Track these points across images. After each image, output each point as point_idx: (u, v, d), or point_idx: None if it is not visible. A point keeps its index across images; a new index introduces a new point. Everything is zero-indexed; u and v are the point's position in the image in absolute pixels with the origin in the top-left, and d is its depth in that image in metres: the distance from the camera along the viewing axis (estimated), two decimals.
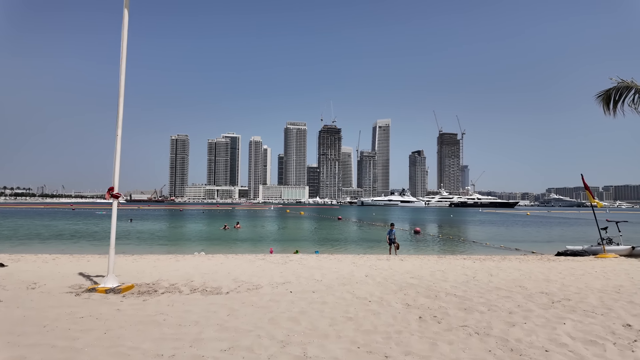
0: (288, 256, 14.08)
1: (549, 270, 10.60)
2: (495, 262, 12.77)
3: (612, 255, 14.92)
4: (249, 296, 7.01)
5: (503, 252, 20.91)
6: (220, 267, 10.68)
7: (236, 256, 14.12)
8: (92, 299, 6.70)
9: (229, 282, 8.36)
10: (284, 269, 10.33)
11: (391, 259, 13.44)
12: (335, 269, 10.41)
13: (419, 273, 9.89)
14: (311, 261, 12.33)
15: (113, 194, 7.65)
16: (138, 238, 28.08)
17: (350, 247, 23.28)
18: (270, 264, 11.39)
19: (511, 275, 9.67)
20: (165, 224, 42.76)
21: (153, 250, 21.73)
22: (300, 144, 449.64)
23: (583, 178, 16.46)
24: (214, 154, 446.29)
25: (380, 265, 11.47)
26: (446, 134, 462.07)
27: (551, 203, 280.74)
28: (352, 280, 8.66)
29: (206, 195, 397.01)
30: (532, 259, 14.01)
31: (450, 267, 11.24)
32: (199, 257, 13.98)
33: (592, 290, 7.79)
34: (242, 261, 12.31)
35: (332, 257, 14.21)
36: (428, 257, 14.37)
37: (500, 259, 14.09)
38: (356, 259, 13.13)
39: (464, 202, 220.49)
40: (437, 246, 24.18)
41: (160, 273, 9.62)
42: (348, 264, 11.54)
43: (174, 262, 11.99)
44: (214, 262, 11.85)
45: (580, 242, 28.12)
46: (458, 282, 8.61)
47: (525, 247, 23.62)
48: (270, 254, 16.88)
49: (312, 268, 10.60)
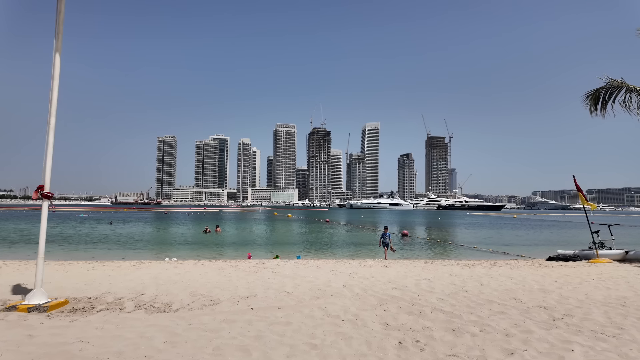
0: (264, 262, 12.99)
1: (543, 278, 9.78)
2: (485, 268, 11.92)
3: (606, 260, 14.27)
4: (200, 315, 5.92)
5: (492, 257, 20.18)
6: (182, 277, 9.54)
7: (207, 263, 12.94)
8: (6, 320, 5.51)
9: (185, 296, 7.24)
10: (253, 279, 9.25)
11: (375, 265, 12.49)
12: (311, 278, 9.37)
13: (402, 282, 8.93)
14: (287, 268, 11.27)
15: (43, 193, 6.46)
16: (115, 242, 26.53)
17: (335, 251, 22.28)
18: (240, 273, 10.29)
19: (503, 285, 8.79)
20: (146, 227, 41.06)
21: (126, 254, 20.36)
22: (290, 147, 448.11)
23: (575, 180, 15.82)
24: (202, 156, 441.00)
25: (362, 273, 10.49)
26: (434, 137, 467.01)
27: (537, 206, 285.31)
28: (327, 293, 7.64)
29: (194, 197, 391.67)
30: (523, 265, 13.22)
31: (437, 274, 10.32)
32: (166, 264, 12.77)
33: (594, 303, 6.94)
34: (211, 269, 11.17)
35: (313, 263, 13.19)
36: (414, 263, 13.47)
37: (490, 264, 13.28)
38: (337, 266, 12.14)
39: (452, 204, 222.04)
40: (424, 250, 23.36)
41: (111, 284, 8.43)
42: (327, 272, 10.52)
43: (135, 270, 10.78)
44: (178, 271, 10.69)
45: (568, 245, 27.72)
46: (445, 294, 7.67)
47: (514, 251, 23.00)
48: (247, 260, 15.75)
49: (285, 277, 9.54)
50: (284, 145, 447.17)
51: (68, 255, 19.22)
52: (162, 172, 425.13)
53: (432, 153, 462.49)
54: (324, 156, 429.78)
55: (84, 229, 36.75)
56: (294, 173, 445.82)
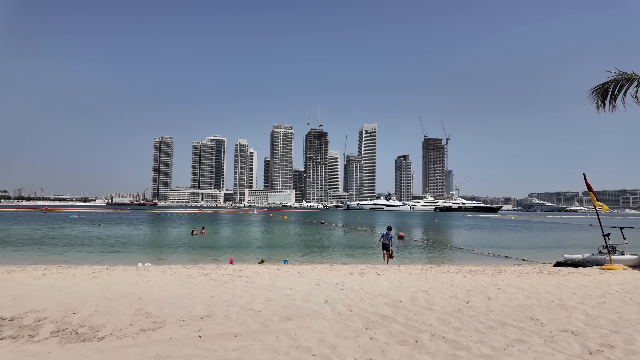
0: (242, 269, 11.57)
1: (559, 290, 8.43)
2: (489, 276, 10.58)
3: (620, 267, 12.97)
4: (128, 346, 4.51)
5: (493, 261, 18.88)
6: (138, 288, 8.11)
7: (178, 270, 11.52)
8: None
9: (125, 316, 5.83)
10: (220, 291, 7.84)
11: (366, 272, 11.11)
12: (289, 290, 7.98)
13: (396, 296, 7.55)
14: (265, 277, 9.87)
15: None
16: (99, 244, 24.95)
17: (327, 255, 20.88)
18: (209, 283, 8.88)
19: (514, 298, 7.44)
20: (135, 229, 39.43)
21: (103, 258, 18.89)
22: (287, 148, 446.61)
23: (585, 178, 14.51)
24: (198, 157, 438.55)
25: (350, 282, 9.11)
26: (431, 139, 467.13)
27: (533, 208, 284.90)
28: (303, 311, 6.24)
29: (190, 198, 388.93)
30: (531, 272, 11.89)
31: (436, 284, 8.97)
32: (130, 271, 11.32)
33: (633, 326, 5.58)
34: (178, 278, 9.76)
35: (298, 269, 11.81)
36: (410, 270, 12.12)
37: (495, 271, 11.95)
38: (323, 273, 10.75)
39: (449, 206, 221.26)
40: (422, 254, 22.01)
41: (45, 299, 7.00)
42: (309, 282, 9.13)
43: (88, 279, 9.36)
44: (138, 280, 9.26)
45: (571, 249, 26.45)
46: (447, 312, 6.31)
47: (515, 254, 21.70)
48: (226, 265, 14.33)
49: (259, 288, 8.14)
50: (281, 146, 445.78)
51: (39, 259, 17.81)
52: (158, 173, 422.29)
53: (429, 155, 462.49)
54: (321, 157, 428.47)
55: (71, 231, 35.15)
56: (291, 174, 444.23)
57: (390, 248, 14.77)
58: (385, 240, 14.85)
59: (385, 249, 14.80)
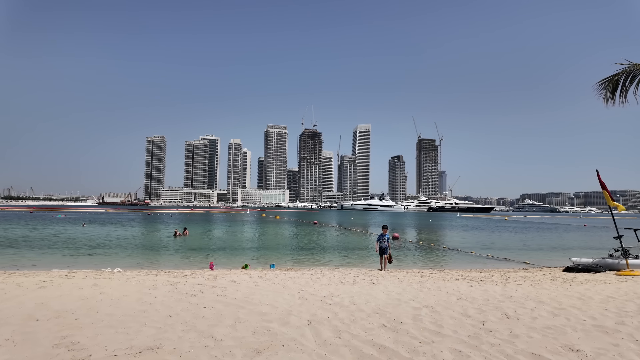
0: (218, 277, 10.15)
1: (585, 304, 7.15)
2: (499, 285, 9.29)
3: (638, 273, 11.81)
4: None
5: (494, 264, 17.71)
6: (81, 304, 6.63)
7: (144, 278, 10.06)
8: None
9: (41, 350, 4.37)
10: (182, 308, 6.40)
11: (359, 280, 9.76)
12: (266, 307, 6.58)
13: (395, 314, 6.20)
14: (242, 287, 8.46)
15: None
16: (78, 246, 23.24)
17: (318, 258, 19.51)
18: (173, 295, 7.44)
19: (538, 317, 6.13)
20: (120, 229, 37.62)
21: (76, 262, 17.34)
22: (281, 148, 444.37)
23: (599, 175, 13.32)
24: (191, 157, 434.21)
25: (340, 294, 7.75)
26: (425, 139, 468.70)
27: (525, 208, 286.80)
28: (277, 340, 4.83)
29: (183, 198, 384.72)
30: (543, 279, 10.65)
31: (440, 296, 7.65)
32: (87, 279, 9.80)
33: None
34: (140, 288, 8.30)
35: (283, 277, 10.43)
36: (409, 276, 10.81)
37: (502, 278, 10.69)
38: (311, 282, 9.38)
39: (442, 206, 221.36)
40: (419, 256, 20.75)
41: None
42: (293, 294, 7.75)
43: (32, 290, 7.87)
44: (89, 292, 7.79)
45: (573, 250, 25.38)
46: (462, 338, 4.97)
47: (515, 257, 20.59)
48: (204, 271, 12.89)
49: (230, 304, 6.72)
50: (275, 146, 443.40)
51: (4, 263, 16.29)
52: (150, 172, 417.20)
53: (423, 155, 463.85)
54: (315, 157, 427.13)
55: (53, 232, 33.33)
56: (285, 174, 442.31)
57: (388, 251, 13.15)
58: (382, 243, 13.26)
59: (383, 253, 13.22)
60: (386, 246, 13.15)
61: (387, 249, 13.13)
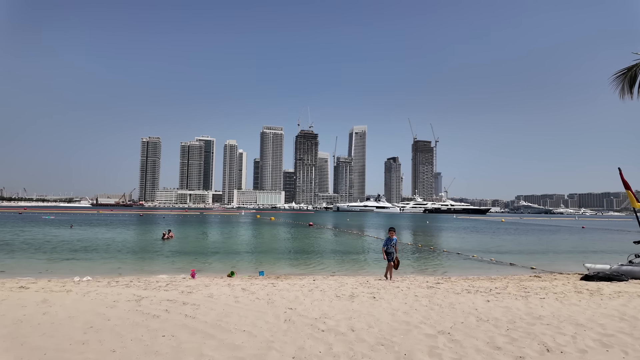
0: (193, 291, 8.74)
1: (636, 329, 5.87)
2: (520, 300, 8.01)
3: None
4: None
5: (500, 270, 16.50)
6: (8, 331, 5.24)
7: (111, 289, 8.63)
8: None
9: None
10: (136, 336, 5.01)
11: (358, 293, 8.41)
12: (243, 335, 5.20)
13: (406, 346, 4.83)
14: (219, 305, 7.08)
15: None
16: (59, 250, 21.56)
17: (312, 263, 18.15)
18: (132, 317, 6.05)
19: (587, 349, 4.78)
20: (109, 231, 35.93)
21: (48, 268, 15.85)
22: (277, 149, 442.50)
23: (621, 173, 12.11)
24: (187, 157, 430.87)
25: (336, 315, 6.40)
26: (420, 141, 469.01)
27: (520, 210, 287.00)
28: None
29: (178, 199, 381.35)
30: (565, 290, 9.37)
31: (457, 317, 6.33)
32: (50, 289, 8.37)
33: None
34: (97, 305, 6.89)
35: (270, 288, 9.08)
36: (414, 287, 9.50)
37: (519, 289, 9.41)
38: (301, 295, 8.04)
39: (438, 208, 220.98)
40: (419, 261, 19.45)
41: None
42: (278, 314, 6.39)
43: None
44: (32, 311, 6.35)
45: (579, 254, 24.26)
46: None
47: (520, 261, 19.38)
48: (183, 280, 11.50)
49: (196, 332, 5.33)
50: (271, 147, 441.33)
51: None
52: (145, 173, 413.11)
53: (418, 157, 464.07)
54: (311, 159, 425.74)
55: (37, 234, 31.63)
56: (280, 175, 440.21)
57: (394, 256, 11.81)
58: (389, 248, 11.83)
59: (390, 259, 11.85)
60: (393, 251, 11.79)
61: (393, 254, 11.77)
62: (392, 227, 12.35)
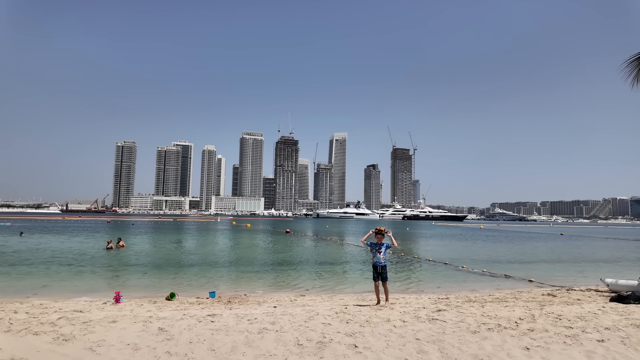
0: (83, 331, 5.73)
1: None
2: (574, 347, 5.54)
3: None
4: None
5: (500, 282, 14.26)
6: None
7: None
8: None
9: None
10: None
11: (332, 337, 5.71)
12: None
13: None
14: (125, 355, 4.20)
15: None
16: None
17: (282, 277, 15.28)
18: None
19: None
20: (58, 239, 31.65)
21: None
22: (257, 155, 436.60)
23: None
24: (163, 163, 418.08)
25: None
26: (399, 149, 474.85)
27: (496, 217, 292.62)
28: None
29: (154, 206, 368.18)
30: (622, 325, 6.92)
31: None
32: None
33: None
34: None
35: (209, 320, 6.27)
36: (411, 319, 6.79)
37: (557, 324, 6.94)
38: (248, 341, 5.24)
39: (417, 215, 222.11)
40: (406, 272, 16.94)
41: None
42: None
43: None
44: None
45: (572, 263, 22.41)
46: None
47: (514, 272, 17.30)
48: (111, 303, 8.49)
49: None
50: (251, 153, 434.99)
51: None
52: (120, 179, 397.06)
53: (397, 164, 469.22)
54: (292, 165, 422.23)
55: None
56: (260, 182, 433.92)
57: (386, 275, 8.37)
58: (376, 258, 8.35)
59: (381, 276, 8.35)
60: (384, 264, 8.29)
61: (384, 268, 8.31)
62: (380, 229, 8.60)
